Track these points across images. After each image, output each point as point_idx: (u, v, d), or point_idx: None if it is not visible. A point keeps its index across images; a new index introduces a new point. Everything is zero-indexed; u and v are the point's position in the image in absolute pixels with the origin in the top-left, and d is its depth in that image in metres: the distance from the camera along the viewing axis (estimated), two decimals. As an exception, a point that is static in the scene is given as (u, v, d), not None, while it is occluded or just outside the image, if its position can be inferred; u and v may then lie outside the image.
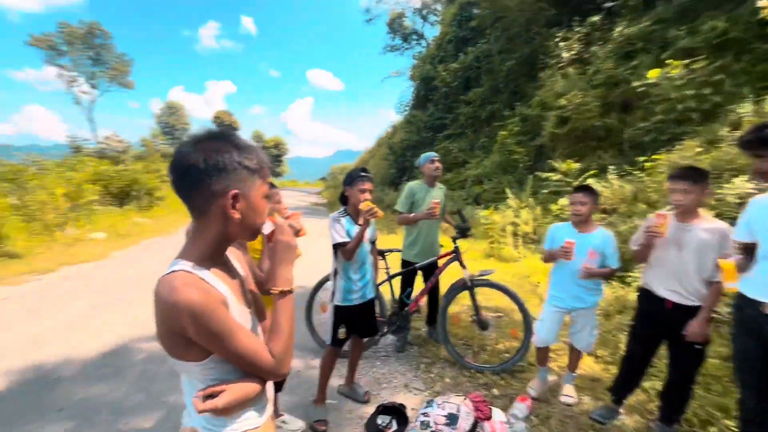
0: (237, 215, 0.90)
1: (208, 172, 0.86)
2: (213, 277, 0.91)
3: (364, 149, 25.37)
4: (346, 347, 2.74)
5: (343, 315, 2.49)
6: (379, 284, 2.90)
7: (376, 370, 3.10)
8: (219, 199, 0.88)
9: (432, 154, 3.41)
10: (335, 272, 2.52)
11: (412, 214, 3.21)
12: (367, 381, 2.94)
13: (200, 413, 0.88)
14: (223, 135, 0.91)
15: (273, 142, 44.00)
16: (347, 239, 2.37)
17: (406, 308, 3.27)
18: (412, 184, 3.40)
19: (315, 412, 2.50)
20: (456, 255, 3.18)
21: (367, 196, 2.37)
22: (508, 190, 7.67)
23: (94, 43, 27.01)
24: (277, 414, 2.36)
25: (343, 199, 2.51)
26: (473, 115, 14.26)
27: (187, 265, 0.88)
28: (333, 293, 2.53)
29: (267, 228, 0.99)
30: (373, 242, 2.79)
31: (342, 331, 2.48)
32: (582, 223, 2.56)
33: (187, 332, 0.84)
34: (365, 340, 2.81)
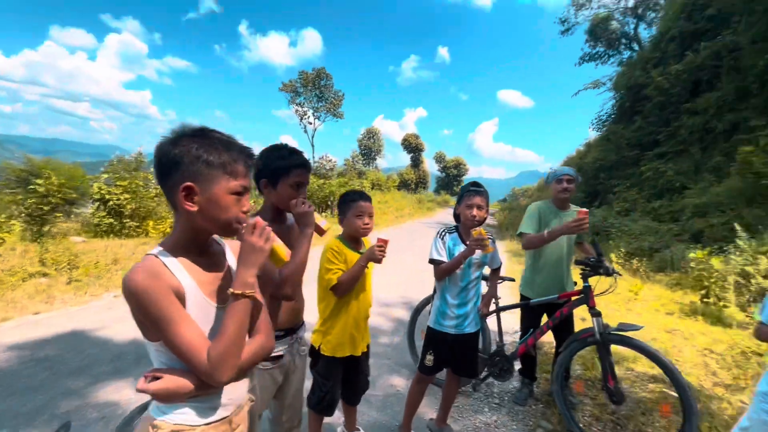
0: (193, 208, 0.90)
1: (168, 165, 0.90)
2: (178, 266, 0.92)
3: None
4: (442, 377, 2.42)
5: (433, 339, 2.21)
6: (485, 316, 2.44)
7: (479, 417, 2.60)
8: (177, 191, 0.89)
9: (565, 170, 2.66)
10: (434, 290, 2.29)
11: (547, 231, 2.48)
12: (464, 427, 2.50)
13: (137, 391, 0.88)
14: (192, 130, 0.92)
15: (453, 162, 45.28)
16: (442, 258, 2.10)
17: (515, 351, 2.64)
18: (538, 204, 2.73)
19: (395, 441, 2.29)
20: (585, 296, 2.40)
21: (475, 213, 2.06)
22: (738, 227, 5.41)
23: (319, 84, 34.66)
24: (352, 427, 2.25)
25: (457, 216, 2.26)
26: (703, 128, 11.02)
27: (157, 250, 0.93)
28: (431, 312, 2.29)
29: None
30: (495, 269, 2.39)
31: (430, 358, 2.20)
32: None
33: (133, 311, 0.86)
34: (463, 378, 2.40)
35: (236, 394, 1.02)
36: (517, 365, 2.82)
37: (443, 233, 2.20)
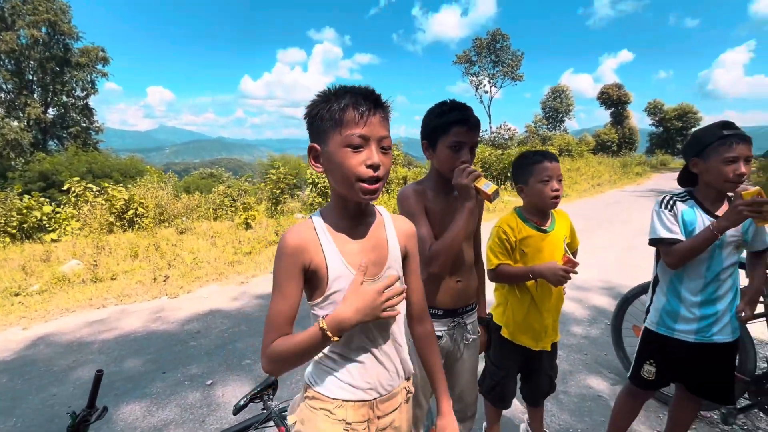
0: (319, 168, 0.89)
1: (308, 129, 0.90)
2: (323, 228, 0.90)
3: None
4: (669, 392, 1.82)
5: (656, 347, 1.63)
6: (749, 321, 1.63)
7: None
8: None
9: None
10: (655, 280, 1.68)
11: None
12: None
13: None
14: (327, 89, 0.88)
15: (676, 112, 34.84)
16: (676, 235, 1.48)
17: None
18: None
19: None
20: None
21: (742, 168, 1.38)
22: None
23: (495, 48, 32.19)
24: (539, 430, 1.93)
25: (689, 177, 1.58)
26: None
27: (315, 214, 0.94)
28: (647, 310, 1.71)
29: None
30: (760, 251, 1.59)
31: (650, 370, 1.63)
32: None
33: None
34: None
35: (374, 376, 0.94)
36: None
37: (671, 201, 1.55)
